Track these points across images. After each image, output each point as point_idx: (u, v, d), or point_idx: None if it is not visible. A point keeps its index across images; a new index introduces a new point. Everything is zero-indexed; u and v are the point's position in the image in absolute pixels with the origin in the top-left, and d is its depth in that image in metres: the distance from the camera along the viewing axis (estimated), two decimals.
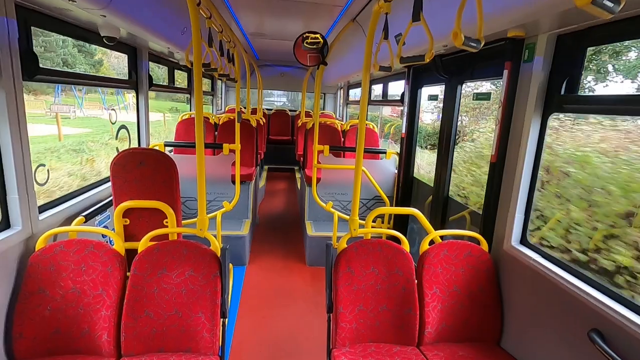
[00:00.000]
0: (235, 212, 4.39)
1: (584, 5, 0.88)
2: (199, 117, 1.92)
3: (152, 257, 1.99)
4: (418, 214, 2.35)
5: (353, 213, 2.19)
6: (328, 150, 3.97)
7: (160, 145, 3.67)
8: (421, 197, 3.86)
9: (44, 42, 14.97)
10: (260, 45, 6.27)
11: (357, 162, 2.14)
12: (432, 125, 7.60)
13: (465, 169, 4.26)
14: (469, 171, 4.21)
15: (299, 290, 3.70)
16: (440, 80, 3.21)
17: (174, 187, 2.18)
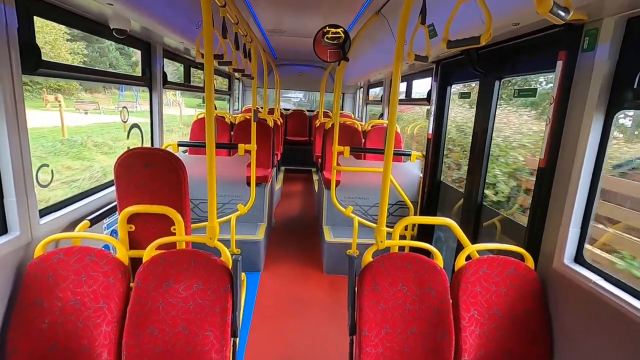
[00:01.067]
0: (251, 216, 4.21)
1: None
2: (210, 115, 1.73)
3: (158, 268, 1.81)
4: (453, 225, 2.09)
5: (380, 223, 1.95)
6: (349, 152, 3.73)
7: (173, 145, 3.53)
8: (448, 203, 3.58)
9: (99, 48, 16.11)
10: (278, 43, 6.10)
11: (385, 166, 1.89)
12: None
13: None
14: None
15: (315, 300, 3.48)
16: (473, 76, 2.93)
17: (182, 191, 2.00)
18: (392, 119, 1.84)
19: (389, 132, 1.84)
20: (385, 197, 1.92)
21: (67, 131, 9.60)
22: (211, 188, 1.83)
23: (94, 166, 8.71)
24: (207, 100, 1.72)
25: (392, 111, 1.84)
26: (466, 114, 4.63)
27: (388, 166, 1.89)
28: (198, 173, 3.82)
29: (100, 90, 14.39)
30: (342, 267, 3.93)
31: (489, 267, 1.95)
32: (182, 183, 1.96)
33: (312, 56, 6.69)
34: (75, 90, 13.48)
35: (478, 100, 2.79)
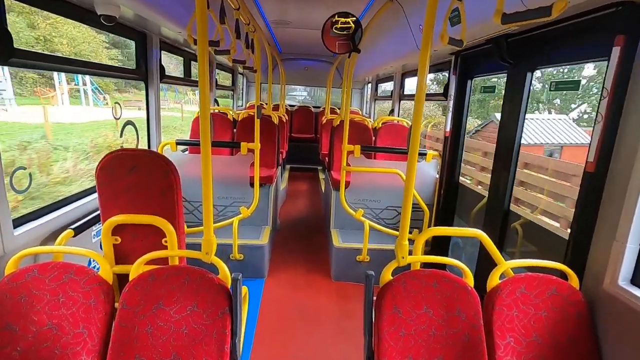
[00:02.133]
0: (254, 218, 3.97)
1: None
2: (204, 110, 1.49)
3: (146, 287, 1.58)
4: (483, 238, 1.82)
5: (401, 235, 1.69)
6: (359, 151, 3.47)
7: (172, 144, 3.29)
8: (466, 206, 3.31)
9: (127, 53, 16.74)
10: (284, 36, 5.83)
11: (409, 169, 1.63)
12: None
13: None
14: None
15: (323, 310, 3.24)
16: (499, 68, 2.65)
17: (174, 197, 1.75)
18: (417, 116, 1.57)
19: (414, 131, 1.58)
20: (408, 204, 1.66)
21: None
22: (207, 193, 1.59)
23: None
24: (201, 92, 1.47)
25: (417, 107, 1.57)
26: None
27: (412, 168, 1.62)
28: (198, 173, 3.60)
29: (128, 90, 14.80)
30: (351, 273, 3.68)
31: (527, 287, 1.69)
32: (173, 189, 1.71)
33: (318, 50, 6.39)
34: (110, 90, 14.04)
35: (505, 95, 2.51)
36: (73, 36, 12.70)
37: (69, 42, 12.56)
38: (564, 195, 4.58)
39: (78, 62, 2.43)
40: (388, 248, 3.62)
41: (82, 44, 12.96)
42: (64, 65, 2.23)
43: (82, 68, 2.52)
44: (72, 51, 12.58)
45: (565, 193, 4.24)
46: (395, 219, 3.80)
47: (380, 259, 3.62)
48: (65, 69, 2.33)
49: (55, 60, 2.17)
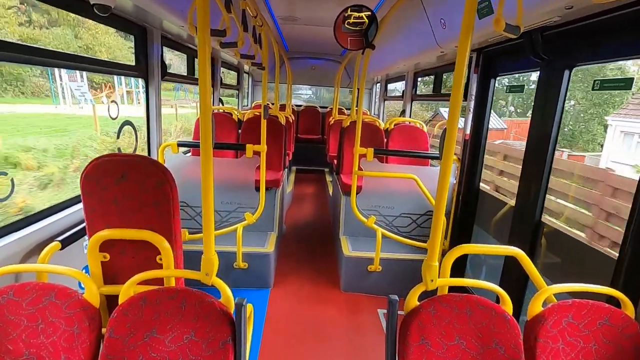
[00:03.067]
0: (260, 224, 3.77)
1: None
2: (205, 108, 1.29)
3: (137, 313, 1.38)
4: (522, 257, 1.60)
5: (431, 256, 1.47)
6: (372, 154, 3.25)
7: (173, 145, 3.10)
8: (486, 213, 3.07)
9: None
10: (291, 33, 5.63)
11: (442, 175, 1.40)
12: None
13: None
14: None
15: (332, 323, 3.03)
16: (530, 65, 2.41)
17: (170, 209, 1.55)
18: (453, 117, 1.35)
19: (449, 133, 1.35)
20: (438, 221, 1.44)
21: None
22: (207, 202, 1.38)
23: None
24: (201, 88, 1.27)
25: (454, 108, 1.34)
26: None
27: (446, 174, 1.39)
28: None
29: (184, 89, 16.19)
30: (362, 284, 3.46)
31: (575, 315, 1.46)
32: (169, 199, 1.50)
33: (326, 48, 6.16)
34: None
35: (538, 94, 2.27)
36: (110, 44, 14.32)
37: (107, 50, 14.24)
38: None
39: (76, 58, 2.25)
40: (402, 258, 3.40)
41: (116, 50, 14.41)
42: (60, 60, 2.04)
43: (80, 64, 2.33)
44: (108, 57, 13.80)
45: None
46: (410, 227, 3.57)
47: (394, 269, 3.40)
48: (62, 65, 2.14)
49: (48, 55, 1.97)
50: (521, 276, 2.37)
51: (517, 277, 2.39)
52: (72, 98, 12.36)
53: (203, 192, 1.37)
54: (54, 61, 2.08)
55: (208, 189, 1.36)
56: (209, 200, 1.37)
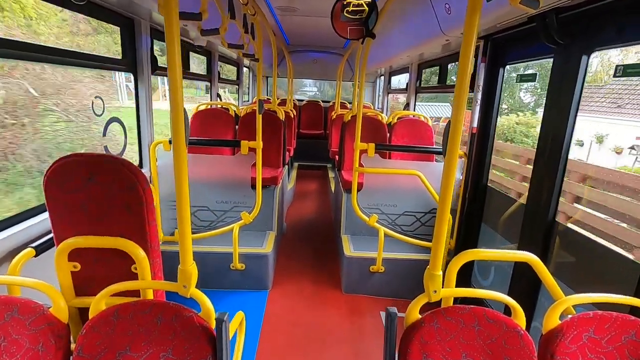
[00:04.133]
0: (258, 223, 3.64)
1: None
2: (176, 103, 1.14)
3: (108, 329, 1.25)
4: (537, 263, 1.43)
5: (433, 264, 1.32)
6: (374, 150, 3.08)
7: (164, 143, 2.96)
8: (494, 211, 2.90)
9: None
10: (291, 26, 5.45)
11: (446, 173, 1.24)
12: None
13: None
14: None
15: (333, 327, 2.89)
16: (543, 51, 2.23)
17: (144, 214, 1.41)
18: (458, 109, 1.19)
19: (454, 126, 1.19)
20: (442, 226, 1.28)
21: None
22: (182, 209, 1.24)
23: None
24: (170, 78, 1.13)
25: (458, 102, 1.18)
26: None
27: (450, 173, 1.23)
28: (197, 175, 3.26)
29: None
30: (365, 285, 3.32)
31: (597, 329, 1.30)
32: (141, 203, 1.35)
33: (328, 41, 5.97)
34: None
35: (551, 84, 2.09)
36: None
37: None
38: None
39: (56, 52, 2.11)
40: (405, 258, 3.25)
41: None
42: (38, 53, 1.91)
43: (64, 58, 2.19)
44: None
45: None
46: (414, 226, 3.41)
47: (397, 269, 3.25)
48: (40, 58, 2.01)
49: (25, 48, 1.83)
50: (533, 282, 2.20)
51: (528, 283, 2.23)
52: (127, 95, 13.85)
53: (177, 196, 1.23)
54: (34, 55, 1.96)
55: (182, 192, 1.22)
56: (184, 204, 1.24)
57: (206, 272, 3.24)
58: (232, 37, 3.22)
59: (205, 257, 3.19)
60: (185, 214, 1.24)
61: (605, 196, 4.20)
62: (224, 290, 3.28)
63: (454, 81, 3.87)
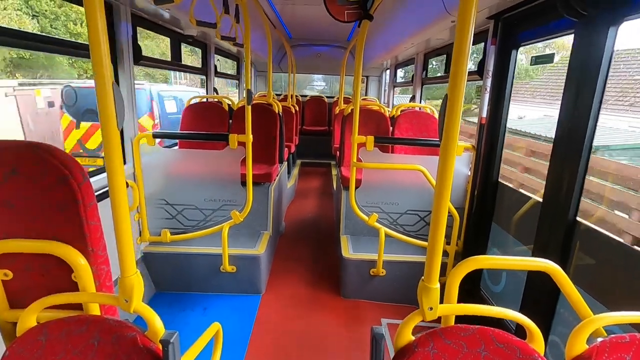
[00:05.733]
0: (251, 223, 3.43)
1: None
2: (101, 83, 0.93)
3: (35, 350, 1.05)
4: (558, 275, 1.18)
5: (428, 276, 1.08)
6: (372, 143, 2.84)
7: (148, 137, 2.78)
8: (505, 209, 2.63)
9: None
10: (292, 18, 5.22)
11: (442, 166, 1.01)
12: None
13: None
14: None
15: (329, 335, 2.67)
16: (562, 27, 1.95)
17: (79, 213, 1.16)
18: (455, 97, 0.94)
19: (449, 115, 0.95)
20: (439, 224, 1.04)
21: None
22: (118, 213, 1.03)
23: None
24: (93, 53, 0.92)
25: (454, 86, 0.94)
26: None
27: (446, 166, 1.00)
28: (185, 171, 3.07)
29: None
30: (364, 290, 3.09)
31: (634, 357, 1.04)
32: (76, 200, 1.12)
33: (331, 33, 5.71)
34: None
35: (572, 65, 1.82)
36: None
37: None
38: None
39: (24, 36, 1.93)
40: (407, 260, 3.00)
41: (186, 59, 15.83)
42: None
43: (29, 42, 2.01)
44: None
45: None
46: (417, 226, 3.16)
47: (398, 273, 3.01)
48: (7, 42, 1.84)
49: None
50: (551, 292, 1.94)
51: (545, 292, 1.96)
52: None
53: (111, 191, 1.02)
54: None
55: (117, 187, 1.01)
56: (121, 208, 1.02)
57: (194, 275, 3.06)
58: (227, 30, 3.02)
59: (193, 259, 3.00)
60: (122, 211, 1.02)
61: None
62: (213, 294, 3.08)
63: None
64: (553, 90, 14.04)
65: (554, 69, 14.43)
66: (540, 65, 13.25)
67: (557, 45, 11.76)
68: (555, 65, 13.71)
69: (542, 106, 13.50)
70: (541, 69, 15.30)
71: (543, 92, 14.92)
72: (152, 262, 3.02)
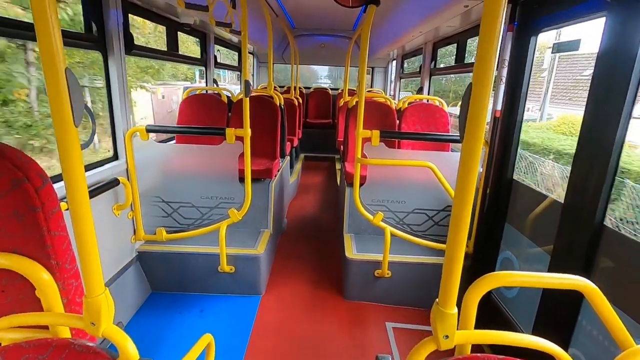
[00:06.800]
0: (251, 221, 3.29)
1: None
2: (52, 63, 0.77)
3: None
4: (595, 296, 1.01)
5: (444, 299, 0.92)
6: (378, 138, 2.67)
7: (141, 131, 2.63)
8: (521, 209, 2.46)
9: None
10: (295, 7, 5.02)
11: (463, 166, 0.84)
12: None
13: None
14: None
15: (332, 340, 2.54)
16: (590, 10, 1.76)
17: (39, 221, 1.00)
18: (482, 85, 0.77)
19: (474, 106, 0.78)
20: (458, 243, 0.88)
21: None
22: (79, 224, 0.88)
23: None
24: (39, 34, 0.76)
25: (481, 72, 0.77)
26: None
27: (469, 168, 0.83)
28: (181, 168, 2.93)
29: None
30: (368, 292, 2.95)
31: None
32: (37, 207, 0.96)
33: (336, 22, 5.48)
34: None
35: (602, 52, 1.62)
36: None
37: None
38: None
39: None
40: (414, 261, 2.84)
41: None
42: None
43: (19, 31, 1.85)
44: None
45: None
46: (425, 225, 2.99)
47: (405, 274, 2.86)
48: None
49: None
50: (572, 304, 1.78)
51: (564, 305, 1.80)
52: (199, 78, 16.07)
53: (72, 211, 0.87)
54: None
55: (79, 208, 0.86)
56: (83, 220, 0.88)
57: (191, 275, 2.94)
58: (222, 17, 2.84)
59: (190, 258, 2.88)
60: (84, 224, 0.88)
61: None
62: (211, 295, 2.96)
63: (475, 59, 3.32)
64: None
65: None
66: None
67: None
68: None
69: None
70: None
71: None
72: (148, 262, 2.90)
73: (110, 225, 2.55)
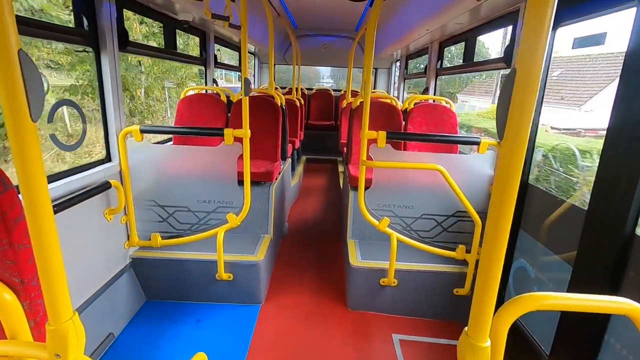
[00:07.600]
0: (250, 226, 3.16)
1: None
2: (5, 52, 0.64)
3: None
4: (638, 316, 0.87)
5: (474, 331, 0.78)
6: (384, 139, 2.53)
7: (135, 131, 2.50)
8: (537, 214, 2.31)
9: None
10: (298, 5, 4.90)
11: (501, 173, 0.71)
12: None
13: None
14: None
15: (335, 353, 2.40)
16: (618, 0, 1.62)
17: (2, 234, 0.86)
18: (530, 71, 0.64)
19: (519, 97, 0.65)
20: (495, 260, 0.74)
21: None
22: (44, 237, 0.75)
23: None
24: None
25: (528, 55, 0.63)
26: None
27: (511, 176, 0.70)
28: (176, 170, 2.80)
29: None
30: (374, 301, 2.80)
31: None
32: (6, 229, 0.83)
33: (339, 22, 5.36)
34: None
35: (632, 47, 1.48)
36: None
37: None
38: None
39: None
40: (422, 269, 2.70)
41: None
42: None
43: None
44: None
45: None
46: (434, 232, 2.85)
47: (412, 283, 2.71)
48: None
49: None
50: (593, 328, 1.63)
51: (589, 319, 1.65)
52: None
53: (31, 221, 0.74)
54: None
55: (40, 217, 0.73)
56: (44, 232, 0.74)
57: (187, 283, 2.80)
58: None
59: (186, 265, 2.74)
60: (47, 237, 0.74)
61: None
62: (208, 304, 2.82)
63: (483, 57, 3.17)
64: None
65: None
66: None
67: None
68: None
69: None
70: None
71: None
72: (142, 269, 2.76)
73: (102, 230, 2.41)
